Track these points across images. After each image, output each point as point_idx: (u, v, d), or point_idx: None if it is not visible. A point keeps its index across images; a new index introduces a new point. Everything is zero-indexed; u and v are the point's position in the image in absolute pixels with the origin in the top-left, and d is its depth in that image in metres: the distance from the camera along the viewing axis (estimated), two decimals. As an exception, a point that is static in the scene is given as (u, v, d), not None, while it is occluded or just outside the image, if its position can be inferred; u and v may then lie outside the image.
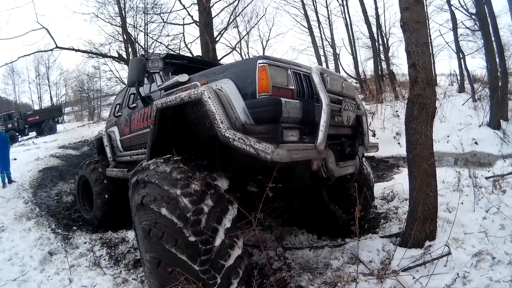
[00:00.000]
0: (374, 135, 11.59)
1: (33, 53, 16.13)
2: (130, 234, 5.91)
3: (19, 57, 13.88)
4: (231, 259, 2.95)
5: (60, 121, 33.20)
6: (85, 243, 5.91)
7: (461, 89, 16.54)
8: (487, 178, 6.01)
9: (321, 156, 3.08)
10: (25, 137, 27.98)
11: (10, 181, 9.71)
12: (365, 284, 3.41)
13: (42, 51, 18.43)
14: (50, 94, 44.93)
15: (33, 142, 21.18)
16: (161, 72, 4.61)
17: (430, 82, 4.00)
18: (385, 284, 3.34)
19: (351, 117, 3.82)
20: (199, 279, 2.77)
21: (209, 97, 2.98)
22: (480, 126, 11.17)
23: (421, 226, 3.95)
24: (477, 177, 5.52)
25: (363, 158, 4.31)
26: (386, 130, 12.10)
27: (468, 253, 3.62)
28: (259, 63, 3.07)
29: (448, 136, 10.28)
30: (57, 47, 13.59)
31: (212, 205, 2.98)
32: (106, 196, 6.66)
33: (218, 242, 2.89)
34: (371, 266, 3.86)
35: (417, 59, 3.98)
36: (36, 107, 40.85)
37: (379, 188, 6.97)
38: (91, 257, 5.19)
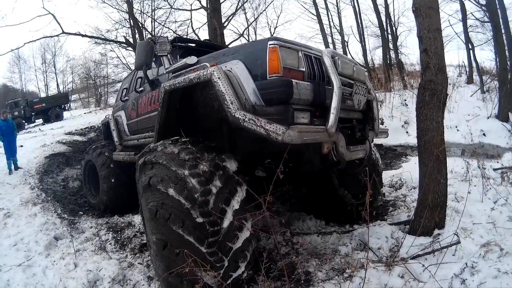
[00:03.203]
0: (382, 123, 11.53)
1: (39, 39, 16.12)
2: (137, 219, 5.93)
3: (25, 43, 13.91)
4: (239, 242, 2.95)
5: (66, 108, 33.26)
6: (91, 227, 5.94)
7: (470, 81, 16.39)
8: (495, 169, 5.99)
9: (332, 139, 3.05)
10: (31, 125, 28.15)
11: (17, 168, 9.73)
12: (374, 271, 3.38)
13: (48, 37, 18.32)
14: (57, 82, 45.03)
15: (39, 129, 21.22)
16: (169, 55, 4.55)
17: (442, 68, 3.94)
18: (393, 272, 3.32)
19: (362, 101, 3.77)
20: (206, 262, 2.75)
21: (218, 78, 2.95)
22: (488, 118, 11.12)
23: (430, 214, 3.91)
24: (485, 168, 5.47)
25: (372, 144, 4.27)
26: (394, 119, 12.07)
27: (477, 244, 3.59)
28: (269, 44, 3.03)
29: (456, 127, 10.23)
30: (63, 32, 13.62)
31: (220, 186, 2.97)
32: (113, 180, 6.67)
33: (226, 224, 2.88)
34: (379, 253, 3.84)
35: (429, 45, 3.91)
36: (43, 95, 40.88)
37: (387, 176, 6.94)
38: (97, 241, 5.21)
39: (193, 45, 5.59)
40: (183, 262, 2.71)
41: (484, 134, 10.22)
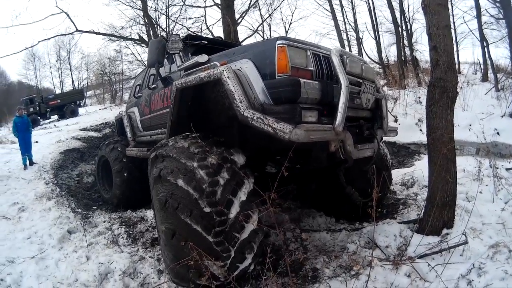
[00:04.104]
0: (396, 120, 11.44)
1: (53, 37, 16.33)
2: (149, 213, 6.02)
3: (39, 41, 14.05)
4: (245, 233, 3.03)
5: (82, 104, 33.54)
6: (104, 222, 6.06)
7: (485, 78, 16.07)
8: (507, 169, 5.89)
9: (339, 138, 3.09)
10: (47, 121, 28.51)
11: (32, 163, 9.85)
12: (381, 269, 3.41)
13: (62, 35, 18.65)
14: (72, 78, 45.56)
15: (54, 125, 21.51)
16: (181, 53, 4.62)
17: (451, 66, 3.91)
18: (400, 270, 3.34)
19: (370, 100, 3.79)
20: (213, 251, 2.85)
21: (228, 77, 3.01)
22: (502, 116, 10.89)
23: (439, 213, 3.89)
24: (497, 168, 5.41)
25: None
26: (408, 116, 11.91)
27: (485, 244, 3.57)
28: (278, 44, 3.08)
29: (470, 125, 10.09)
30: (77, 30, 13.75)
31: (228, 178, 3.06)
32: (125, 175, 6.79)
33: (233, 214, 2.96)
34: (387, 252, 3.84)
35: (439, 42, 3.89)
36: (58, 91, 41.33)
37: (399, 174, 6.90)
38: (109, 235, 5.31)
39: (205, 42, 5.64)
40: (190, 251, 2.79)
41: (498, 133, 10.04)
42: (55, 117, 29.93)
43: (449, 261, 3.31)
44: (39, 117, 27.87)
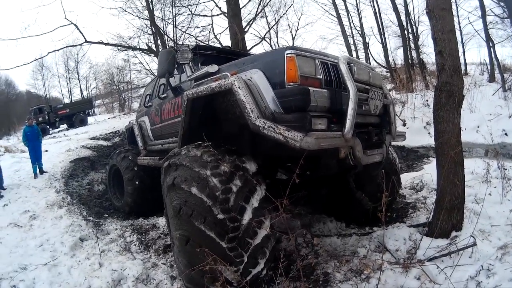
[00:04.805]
0: (404, 124, 11.42)
1: (62, 48, 16.46)
2: (161, 221, 6.09)
3: (48, 53, 14.14)
4: (258, 238, 3.08)
5: (91, 113, 33.73)
6: (116, 229, 6.13)
7: (492, 79, 15.95)
8: (515, 170, 5.89)
9: (349, 144, 3.14)
10: (56, 130, 28.70)
11: (42, 172, 9.92)
12: (391, 272, 3.45)
13: (71, 46, 18.75)
14: (80, 88, 45.84)
15: (64, 134, 21.65)
16: (190, 63, 4.70)
17: (457, 70, 3.95)
18: (410, 273, 3.38)
19: (378, 106, 3.85)
20: (226, 257, 2.90)
21: (239, 87, 3.08)
22: (510, 116, 10.82)
23: (447, 216, 3.92)
24: (506, 169, 5.40)
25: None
26: (417, 120, 11.89)
27: (494, 246, 3.58)
28: (287, 54, 3.14)
29: (478, 127, 10.06)
30: (86, 41, 13.85)
31: (240, 185, 3.11)
32: (137, 183, 6.89)
33: (245, 220, 3.01)
34: (397, 255, 3.88)
35: (444, 46, 3.93)
36: (67, 101, 41.65)
37: (408, 178, 6.88)
38: (121, 242, 5.38)
39: (214, 52, 5.71)
40: (204, 257, 2.86)
41: (506, 134, 10.00)
42: (64, 126, 30.14)
43: (458, 263, 3.34)
44: (48, 127, 28.12)
